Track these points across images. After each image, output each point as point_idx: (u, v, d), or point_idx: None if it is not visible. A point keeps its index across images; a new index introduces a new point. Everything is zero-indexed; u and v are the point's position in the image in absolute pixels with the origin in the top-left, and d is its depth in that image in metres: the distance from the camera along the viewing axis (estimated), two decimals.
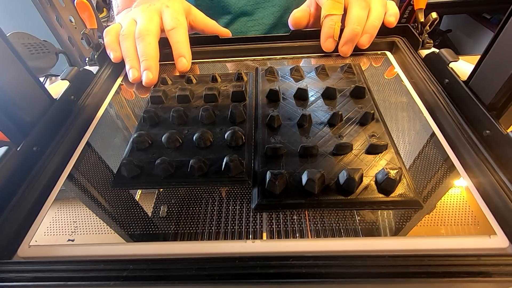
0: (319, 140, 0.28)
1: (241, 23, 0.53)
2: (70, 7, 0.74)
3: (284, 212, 0.23)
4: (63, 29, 0.74)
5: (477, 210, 0.22)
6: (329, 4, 0.36)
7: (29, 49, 0.52)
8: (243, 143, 0.28)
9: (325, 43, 0.38)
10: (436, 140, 0.28)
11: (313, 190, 0.23)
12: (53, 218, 0.24)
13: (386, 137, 0.27)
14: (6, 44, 0.26)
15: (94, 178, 0.27)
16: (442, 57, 0.32)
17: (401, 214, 0.22)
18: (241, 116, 0.30)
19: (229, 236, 0.22)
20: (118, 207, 0.24)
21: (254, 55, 0.41)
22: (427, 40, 0.37)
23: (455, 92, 0.29)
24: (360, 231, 0.22)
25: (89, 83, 0.36)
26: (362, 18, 0.36)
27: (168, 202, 0.24)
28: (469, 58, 0.40)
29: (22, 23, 0.74)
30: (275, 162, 0.26)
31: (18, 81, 0.27)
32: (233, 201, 0.24)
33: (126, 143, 0.29)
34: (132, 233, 0.23)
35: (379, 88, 0.34)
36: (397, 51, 0.39)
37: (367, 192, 0.23)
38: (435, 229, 0.21)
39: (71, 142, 0.30)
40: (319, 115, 0.30)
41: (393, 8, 0.38)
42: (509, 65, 0.24)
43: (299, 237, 0.22)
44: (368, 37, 0.37)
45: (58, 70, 0.51)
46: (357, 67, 0.36)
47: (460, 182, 0.24)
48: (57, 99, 0.31)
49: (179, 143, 0.28)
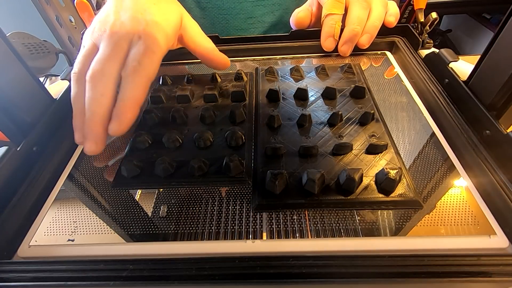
0: (319, 140, 0.28)
1: (240, 20, 0.53)
2: (70, 7, 0.74)
3: (284, 212, 0.23)
4: (63, 29, 0.74)
5: (477, 210, 0.22)
6: (330, 3, 0.36)
7: (29, 49, 0.52)
8: (243, 143, 0.28)
9: (325, 42, 0.38)
10: (436, 140, 0.28)
11: (313, 190, 0.23)
12: (53, 218, 0.24)
13: (386, 137, 0.27)
14: (6, 44, 0.26)
15: (94, 178, 0.27)
16: (442, 57, 0.32)
17: (401, 214, 0.22)
18: (241, 116, 0.30)
19: (229, 236, 0.22)
20: (118, 207, 0.24)
21: (254, 55, 0.41)
22: (427, 40, 0.37)
23: (455, 92, 0.29)
24: (360, 231, 0.22)
25: None
26: (363, 18, 0.36)
27: (168, 202, 0.24)
28: (469, 58, 0.40)
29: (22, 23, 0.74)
30: (275, 162, 0.26)
31: (18, 81, 0.27)
32: (233, 201, 0.24)
33: (126, 143, 0.29)
34: (132, 233, 0.23)
35: (379, 88, 0.34)
36: (397, 51, 0.39)
37: (367, 192, 0.23)
38: (435, 229, 0.21)
39: (71, 142, 0.30)
40: (319, 115, 0.30)
41: (393, 8, 0.38)
42: (509, 65, 0.24)
43: (299, 237, 0.22)
44: (368, 37, 0.37)
45: (58, 70, 0.51)
46: (357, 67, 0.36)
47: (460, 182, 0.24)
48: (57, 99, 0.31)
49: (179, 143, 0.28)
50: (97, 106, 0.24)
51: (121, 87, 0.24)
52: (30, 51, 0.52)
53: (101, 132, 0.24)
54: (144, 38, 0.25)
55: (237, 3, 0.51)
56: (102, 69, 0.24)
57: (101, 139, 0.24)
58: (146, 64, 0.25)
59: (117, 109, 0.24)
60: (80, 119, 0.25)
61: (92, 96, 0.24)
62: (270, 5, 0.53)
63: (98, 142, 0.24)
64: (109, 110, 0.24)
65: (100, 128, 0.24)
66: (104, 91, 0.24)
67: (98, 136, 0.24)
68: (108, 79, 0.24)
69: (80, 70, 0.25)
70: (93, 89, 0.24)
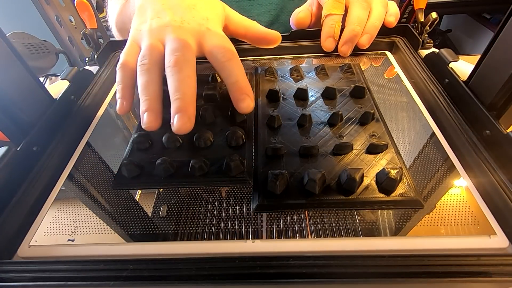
0: (320, 140, 0.28)
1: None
2: (70, 7, 0.74)
3: (284, 212, 0.23)
4: (63, 29, 0.74)
5: (477, 210, 0.22)
6: (330, 3, 0.37)
7: (29, 49, 0.52)
8: (243, 143, 0.28)
9: (325, 42, 0.38)
10: (436, 140, 0.28)
11: (314, 190, 0.23)
12: (53, 218, 0.24)
13: (386, 136, 0.27)
14: (6, 44, 0.26)
15: (94, 178, 0.27)
16: (442, 57, 0.32)
17: (401, 213, 0.22)
18: (241, 116, 0.30)
19: (229, 236, 0.22)
20: (118, 207, 0.24)
21: (254, 55, 0.41)
22: (427, 40, 0.37)
23: (455, 92, 0.29)
24: (360, 231, 0.22)
25: (89, 83, 0.36)
26: (363, 19, 0.36)
27: (168, 202, 0.24)
28: (469, 58, 0.40)
29: (22, 23, 0.74)
30: (276, 162, 0.26)
31: (18, 81, 0.27)
32: (234, 201, 0.24)
33: (126, 143, 0.29)
34: (132, 233, 0.23)
35: (379, 88, 0.34)
36: (397, 51, 0.39)
37: (367, 192, 0.23)
38: (435, 229, 0.21)
39: (71, 142, 0.30)
40: (319, 115, 0.30)
41: (393, 8, 0.38)
42: (509, 65, 0.24)
43: (299, 237, 0.22)
44: (368, 37, 0.37)
45: (58, 70, 0.51)
46: (357, 67, 0.36)
47: (460, 182, 0.24)
48: (57, 99, 0.31)
49: (179, 143, 0.28)
50: (189, 87, 0.25)
51: (228, 71, 0.27)
52: (30, 51, 0.52)
53: (194, 109, 0.25)
54: (214, 30, 0.28)
55: (233, 2, 0.51)
56: (184, 55, 0.26)
57: (194, 116, 0.25)
58: (233, 48, 0.28)
59: (238, 88, 0.26)
60: (159, 103, 0.26)
61: (180, 77, 0.25)
62: (267, 5, 0.53)
63: (191, 118, 0.25)
64: (195, 94, 0.26)
65: (192, 107, 0.25)
66: (190, 73, 0.26)
67: (192, 112, 0.25)
68: (192, 64, 0.26)
69: (154, 59, 0.26)
70: (180, 72, 0.25)
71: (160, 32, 0.27)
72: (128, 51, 0.28)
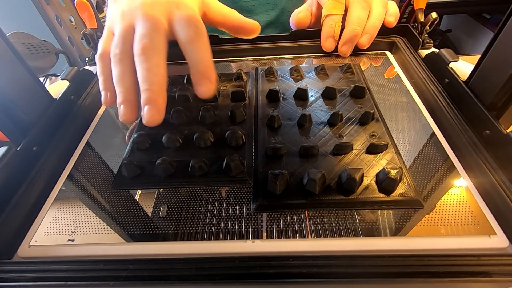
0: (320, 140, 0.28)
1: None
2: (70, 7, 0.74)
3: (284, 212, 0.23)
4: (63, 29, 0.74)
5: (477, 210, 0.22)
6: (330, 4, 0.37)
7: (29, 49, 0.52)
8: (243, 143, 0.28)
9: (325, 42, 0.38)
10: (436, 140, 0.28)
11: (314, 190, 0.23)
12: (53, 218, 0.24)
13: (386, 136, 0.27)
14: (6, 44, 0.26)
15: (94, 178, 0.27)
16: (442, 57, 0.32)
17: (401, 213, 0.22)
18: (241, 116, 0.30)
19: (229, 236, 0.22)
20: (118, 207, 0.24)
21: (254, 55, 0.41)
22: (427, 40, 0.37)
23: (455, 92, 0.29)
24: (360, 231, 0.22)
25: (89, 83, 0.36)
26: (363, 19, 0.36)
27: (168, 202, 0.24)
28: (469, 58, 0.40)
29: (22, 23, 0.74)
30: (276, 162, 0.26)
31: (18, 81, 0.27)
32: (234, 201, 0.24)
33: (126, 143, 0.29)
34: (132, 233, 0.23)
35: (379, 88, 0.34)
36: (397, 51, 0.39)
37: (368, 192, 0.23)
38: (435, 229, 0.21)
39: (71, 142, 0.30)
40: (319, 115, 0.30)
41: (393, 8, 0.38)
42: (509, 65, 0.24)
43: (299, 237, 0.22)
44: (368, 37, 0.37)
45: (58, 70, 0.51)
46: (357, 67, 0.36)
47: (460, 182, 0.24)
48: (57, 99, 0.31)
49: (179, 143, 0.28)
50: (158, 76, 0.24)
51: (191, 51, 0.25)
52: (30, 51, 0.52)
53: (164, 99, 0.24)
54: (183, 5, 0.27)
55: (231, 2, 0.51)
56: (151, 41, 0.24)
57: (164, 106, 0.24)
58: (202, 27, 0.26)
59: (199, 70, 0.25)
60: (133, 91, 0.24)
61: (148, 66, 0.24)
62: (265, 4, 0.53)
63: (161, 110, 0.23)
64: (166, 81, 0.24)
65: (162, 96, 0.24)
66: (158, 61, 0.24)
67: (162, 102, 0.24)
68: (160, 50, 0.24)
69: (124, 49, 0.25)
70: (147, 61, 0.24)
71: (131, 14, 0.26)
72: (105, 40, 0.27)
